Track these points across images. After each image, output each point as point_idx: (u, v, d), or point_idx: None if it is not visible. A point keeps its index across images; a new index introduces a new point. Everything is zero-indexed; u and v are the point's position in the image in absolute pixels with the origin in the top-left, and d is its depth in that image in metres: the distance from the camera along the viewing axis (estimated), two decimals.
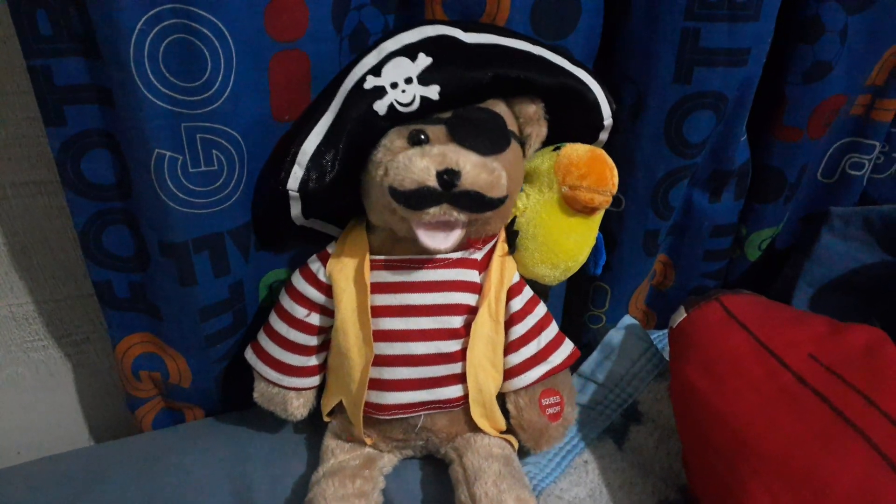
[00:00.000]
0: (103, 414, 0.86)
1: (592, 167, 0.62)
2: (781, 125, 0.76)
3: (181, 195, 0.58)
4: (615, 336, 0.79)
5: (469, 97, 0.60)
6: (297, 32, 0.59)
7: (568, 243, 0.65)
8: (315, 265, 0.65)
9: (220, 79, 0.55)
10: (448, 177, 0.54)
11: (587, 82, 0.64)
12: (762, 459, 0.51)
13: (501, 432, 0.67)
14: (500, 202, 0.57)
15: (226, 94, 0.56)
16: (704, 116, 0.69)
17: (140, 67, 0.52)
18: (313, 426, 0.70)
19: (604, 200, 0.63)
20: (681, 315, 0.66)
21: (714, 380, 0.58)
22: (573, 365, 0.68)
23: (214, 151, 0.58)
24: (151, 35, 0.51)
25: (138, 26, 0.51)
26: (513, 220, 0.65)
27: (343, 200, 0.64)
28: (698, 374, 0.59)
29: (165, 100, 0.54)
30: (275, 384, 0.67)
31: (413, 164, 0.55)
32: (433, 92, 0.58)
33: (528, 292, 0.66)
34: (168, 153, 0.56)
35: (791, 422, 0.52)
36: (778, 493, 0.49)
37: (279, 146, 0.63)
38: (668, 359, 0.73)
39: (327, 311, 0.65)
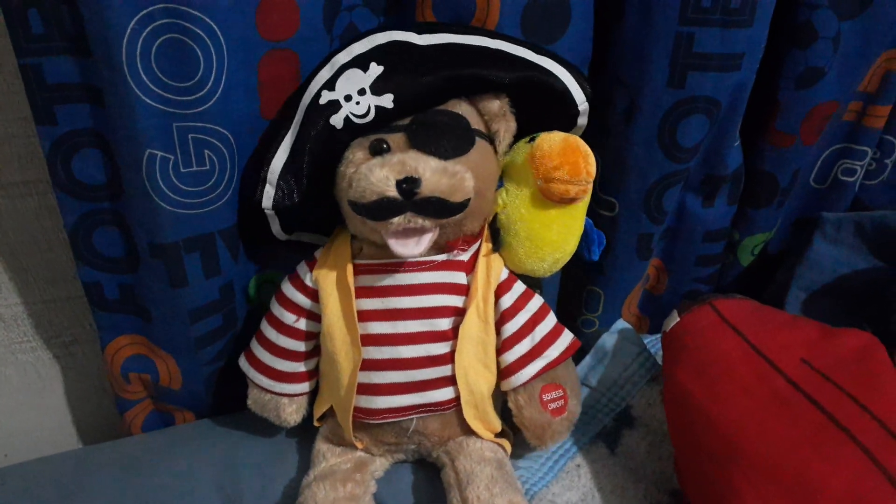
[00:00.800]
0: (92, 416, 0.86)
1: (566, 157, 0.59)
2: (774, 130, 0.76)
3: (172, 195, 0.58)
4: (608, 340, 0.78)
5: (426, 101, 0.60)
6: (287, 32, 0.59)
7: (551, 235, 0.64)
8: (303, 271, 0.65)
9: (212, 78, 0.55)
10: (407, 185, 0.54)
11: (553, 70, 0.62)
12: (754, 464, 0.51)
13: (497, 434, 0.66)
14: (463, 206, 0.57)
15: (217, 94, 0.56)
16: (698, 121, 0.69)
17: (132, 67, 0.52)
18: (305, 430, 0.69)
19: (580, 190, 0.61)
20: (674, 319, 0.66)
21: (706, 384, 0.58)
22: (576, 356, 0.67)
23: (206, 151, 0.58)
24: (143, 34, 0.51)
25: (130, 25, 0.50)
26: (495, 218, 0.65)
27: (320, 212, 0.64)
28: (691, 378, 0.59)
29: (157, 99, 0.54)
30: (267, 391, 0.67)
31: (372, 174, 0.54)
32: (387, 101, 0.57)
33: (518, 288, 0.65)
34: (159, 153, 0.56)
35: (783, 426, 0.52)
36: (769, 497, 0.49)
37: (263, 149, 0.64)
38: (660, 363, 0.73)
39: (315, 317, 0.65)
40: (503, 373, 0.65)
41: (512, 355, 0.64)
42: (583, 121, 0.67)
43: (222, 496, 0.64)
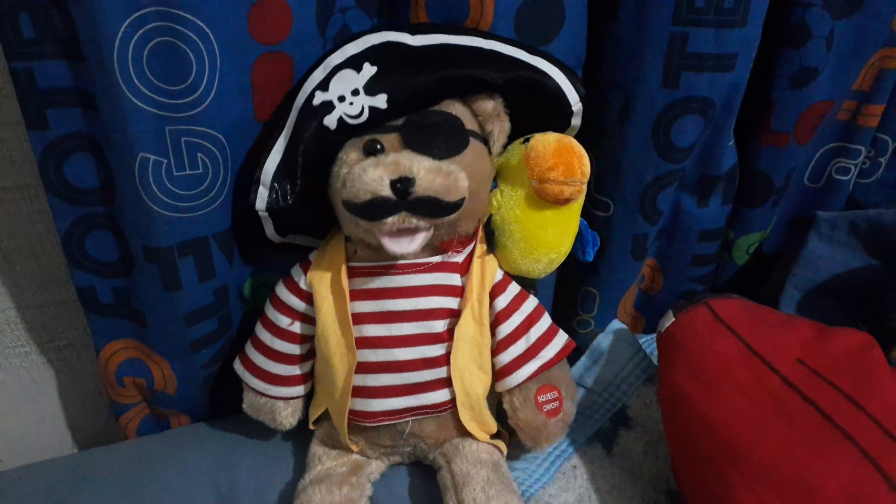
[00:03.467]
0: (87, 421, 0.85)
1: (560, 158, 0.59)
2: (769, 130, 0.76)
3: (166, 199, 0.58)
4: (604, 340, 0.78)
5: (419, 102, 0.59)
6: (280, 35, 0.59)
7: (546, 236, 0.64)
8: (297, 274, 0.65)
9: (204, 81, 0.55)
10: (402, 185, 0.54)
11: (547, 71, 0.62)
12: (750, 464, 0.51)
13: (493, 436, 0.66)
14: (457, 206, 0.57)
15: (210, 97, 0.56)
16: (692, 121, 0.69)
17: (124, 70, 0.51)
18: (300, 433, 0.69)
19: (574, 191, 0.61)
20: (669, 319, 0.66)
21: (702, 384, 0.58)
22: (571, 357, 0.67)
23: (199, 154, 0.57)
24: (135, 38, 0.51)
25: (122, 29, 0.50)
26: (489, 219, 0.65)
27: (315, 214, 0.64)
28: (687, 378, 0.59)
29: (150, 103, 0.53)
30: (262, 394, 0.66)
31: (366, 174, 0.54)
32: (381, 101, 0.57)
33: (513, 289, 0.65)
34: (152, 157, 0.55)
35: (779, 426, 0.52)
36: (766, 497, 0.49)
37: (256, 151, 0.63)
38: (656, 363, 0.73)
39: (310, 320, 0.65)
40: (498, 374, 0.65)
41: (507, 356, 0.64)
42: (577, 121, 0.67)
43: (218, 500, 0.64)
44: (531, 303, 0.66)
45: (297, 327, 0.65)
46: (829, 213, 0.80)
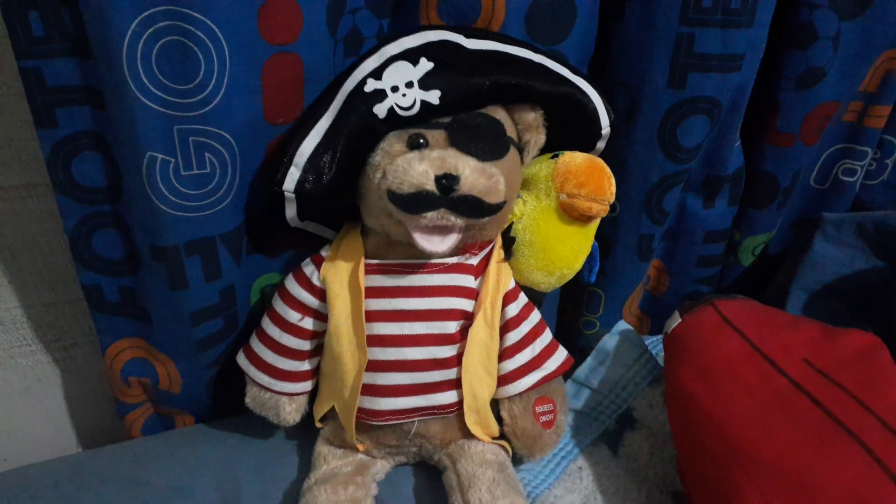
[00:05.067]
0: (92, 420, 0.85)
1: (591, 176, 0.62)
2: (775, 131, 0.76)
3: (173, 198, 0.58)
4: (609, 341, 0.78)
5: (469, 103, 0.60)
6: (290, 35, 0.59)
7: (564, 250, 0.65)
8: (309, 269, 0.65)
9: (213, 81, 0.55)
10: (447, 181, 0.54)
11: (587, 91, 0.64)
12: (756, 464, 0.51)
13: (494, 438, 0.66)
14: (498, 208, 0.57)
15: (219, 97, 0.56)
16: (698, 122, 0.69)
17: (133, 69, 0.51)
18: (305, 432, 0.69)
19: (601, 209, 0.63)
20: (675, 320, 0.66)
21: (708, 385, 0.58)
22: (566, 372, 0.68)
23: (207, 154, 0.57)
24: (144, 37, 0.51)
25: (131, 28, 0.50)
26: (509, 227, 0.65)
27: (339, 203, 0.64)
28: (693, 379, 0.59)
29: (158, 102, 0.53)
30: (267, 389, 0.66)
31: (412, 167, 0.55)
32: (434, 97, 0.58)
33: (522, 298, 0.66)
34: (160, 156, 0.55)
35: (785, 427, 0.52)
36: (772, 497, 0.49)
37: (275, 148, 0.63)
38: (662, 364, 0.73)
39: (321, 316, 0.64)
40: (501, 380, 0.65)
41: (512, 363, 0.64)
42: (601, 145, 0.69)
43: (222, 499, 0.64)
44: (536, 315, 0.67)
45: (307, 323, 0.64)
46: (835, 215, 0.80)
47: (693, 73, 0.66)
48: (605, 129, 0.67)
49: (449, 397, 0.62)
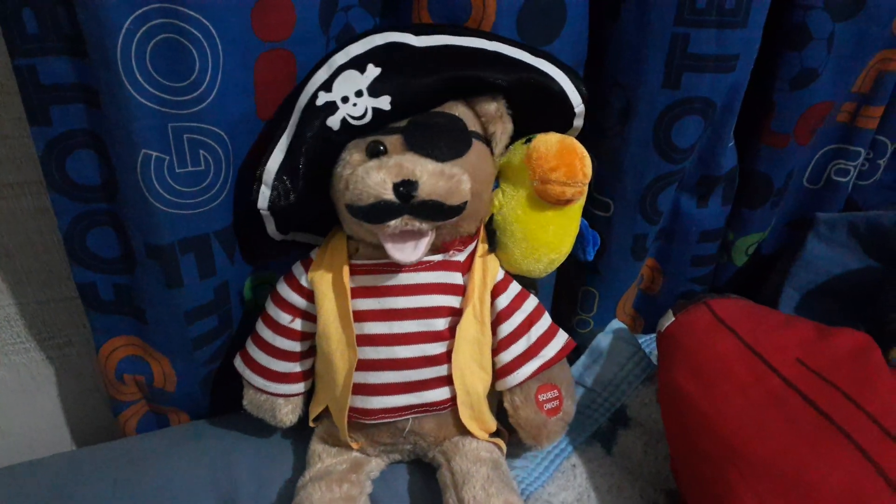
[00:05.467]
0: (86, 418, 0.85)
1: (562, 159, 0.59)
2: (769, 131, 0.76)
3: (168, 196, 0.58)
4: (603, 340, 0.79)
5: (423, 103, 0.60)
6: (284, 32, 0.59)
7: (547, 236, 0.64)
8: (298, 271, 0.65)
9: (207, 78, 0.55)
10: (405, 188, 0.54)
11: (550, 73, 0.62)
12: (750, 463, 0.51)
13: (492, 434, 0.66)
14: (461, 209, 0.57)
15: (213, 94, 0.56)
16: (693, 122, 0.69)
17: (127, 67, 0.51)
18: (300, 431, 0.69)
19: (576, 192, 0.61)
20: (669, 319, 0.66)
21: (702, 384, 0.58)
22: (571, 356, 0.68)
23: (201, 151, 0.57)
24: (139, 34, 0.51)
25: (125, 25, 0.50)
26: (491, 219, 0.65)
27: (318, 213, 0.64)
28: (686, 378, 0.59)
29: (152, 99, 0.53)
30: (262, 391, 0.66)
31: (369, 177, 0.54)
32: (384, 102, 0.57)
33: (514, 288, 0.65)
34: (154, 153, 0.55)
35: (779, 426, 0.52)
36: (766, 497, 0.49)
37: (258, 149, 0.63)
38: (656, 363, 0.73)
39: (311, 317, 0.64)
40: (499, 373, 0.65)
41: (508, 355, 0.64)
42: (579, 123, 0.67)
43: (217, 498, 0.64)
44: (532, 302, 0.66)
45: (297, 324, 0.65)
46: (828, 215, 0.80)
47: (688, 74, 0.66)
48: (578, 106, 0.65)
49: (441, 394, 0.62)
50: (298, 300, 0.64)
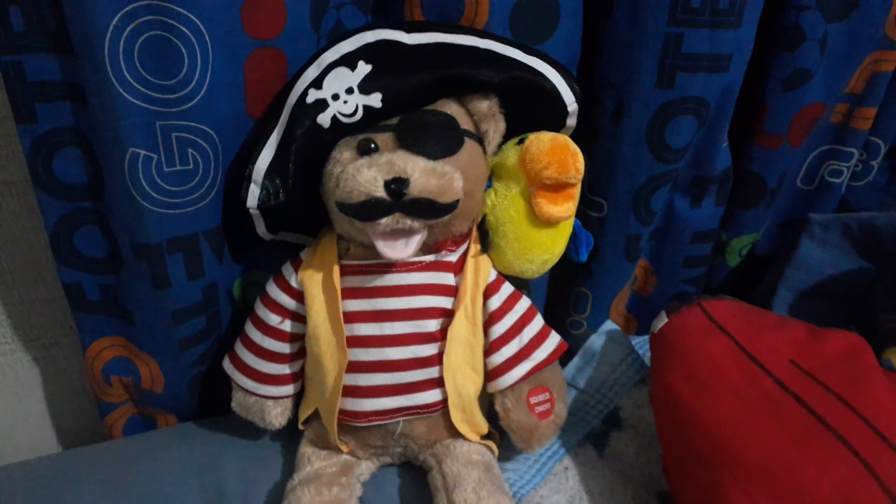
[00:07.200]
0: (72, 420, 0.84)
1: (553, 156, 0.59)
2: (762, 132, 0.77)
3: (155, 195, 0.57)
4: (596, 341, 0.78)
5: (414, 101, 0.59)
6: (274, 30, 0.58)
7: (539, 237, 0.64)
8: (288, 272, 0.64)
9: (196, 76, 0.54)
10: (396, 185, 0.53)
11: (543, 71, 0.62)
12: (743, 465, 0.51)
13: (484, 437, 0.66)
14: (452, 206, 0.57)
15: (202, 92, 0.55)
16: (686, 122, 0.69)
17: (115, 64, 0.51)
18: (289, 433, 0.69)
19: (567, 209, 0.61)
20: (662, 320, 0.66)
21: (695, 386, 0.58)
22: (563, 358, 0.67)
23: (190, 150, 0.57)
24: (126, 32, 0.50)
25: (113, 23, 0.50)
26: (483, 219, 0.64)
27: (308, 212, 0.64)
28: (679, 379, 0.59)
29: (140, 97, 0.53)
30: (251, 393, 0.66)
31: (360, 175, 0.54)
32: (375, 100, 0.57)
33: (506, 289, 0.65)
34: (142, 152, 0.55)
35: (772, 428, 0.52)
36: (758, 498, 0.49)
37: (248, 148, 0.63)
38: (649, 365, 0.73)
39: (301, 318, 0.64)
40: (490, 374, 0.64)
41: (500, 357, 0.63)
42: (572, 122, 0.67)
43: (205, 500, 0.64)
44: (524, 303, 0.66)
45: (287, 325, 0.64)
46: (821, 216, 0.80)
47: (681, 74, 0.66)
48: (571, 105, 0.64)
49: (432, 396, 0.62)
50: (288, 301, 0.64)
